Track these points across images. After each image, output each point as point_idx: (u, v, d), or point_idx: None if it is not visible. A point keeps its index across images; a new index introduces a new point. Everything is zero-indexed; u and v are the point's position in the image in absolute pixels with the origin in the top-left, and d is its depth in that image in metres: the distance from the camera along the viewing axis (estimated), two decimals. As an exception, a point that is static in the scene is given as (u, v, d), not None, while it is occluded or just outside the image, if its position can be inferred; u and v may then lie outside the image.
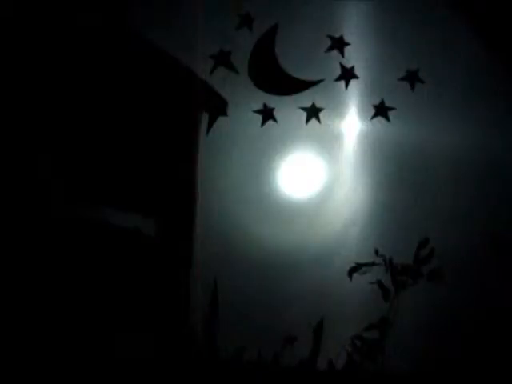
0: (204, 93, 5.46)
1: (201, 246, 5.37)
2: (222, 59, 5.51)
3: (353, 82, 5.48)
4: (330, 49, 5.49)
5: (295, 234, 5.40)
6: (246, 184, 5.46)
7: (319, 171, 5.47)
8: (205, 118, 5.51)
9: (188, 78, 5.45)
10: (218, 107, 5.45)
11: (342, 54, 5.49)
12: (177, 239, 5.41)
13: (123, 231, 5.29)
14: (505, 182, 5.42)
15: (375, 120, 5.46)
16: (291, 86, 5.50)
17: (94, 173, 5.34)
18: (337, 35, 5.48)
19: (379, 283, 5.21)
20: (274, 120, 5.50)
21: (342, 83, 5.48)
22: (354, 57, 5.48)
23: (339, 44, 5.48)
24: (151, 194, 5.39)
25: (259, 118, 5.49)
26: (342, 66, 5.49)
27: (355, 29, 5.47)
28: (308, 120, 5.49)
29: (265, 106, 5.50)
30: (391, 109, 5.46)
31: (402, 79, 5.46)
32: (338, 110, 5.48)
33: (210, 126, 5.51)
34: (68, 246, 5.22)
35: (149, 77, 5.37)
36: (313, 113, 5.48)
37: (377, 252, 5.23)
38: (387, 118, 5.46)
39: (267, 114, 5.50)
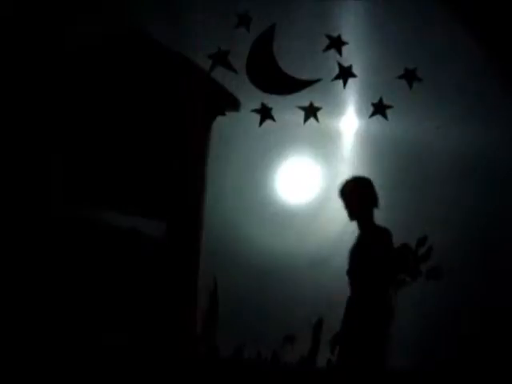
0: (215, 93, 5.46)
1: (201, 248, 5.37)
2: (220, 59, 5.52)
3: (351, 81, 5.48)
4: (328, 48, 5.49)
5: (295, 235, 5.40)
6: (244, 185, 5.49)
7: (318, 170, 5.48)
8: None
9: (196, 77, 5.44)
10: (232, 106, 5.43)
11: (340, 53, 5.49)
12: (184, 241, 5.41)
13: (127, 233, 5.29)
14: (503, 180, 5.42)
15: (374, 118, 5.46)
16: (289, 85, 5.51)
17: (100, 174, 5.35)
18: (334, 34, 5.48)
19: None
20: (273, 119, 5.50)
21: (340, 82, 5.49)
22: (351, 56, 5.48)
23: (337, 43, 5.48)
24: (159, 195, 5.40)
25: (257, 117, 5.50)
26: (340, 65, 5.49)
27: (353, 28, 5.49)
28: (306, 119, 5.49)
29: (263, 105, 5.50)
30: (389, 107, 5.45)
31: (400, 77, 5.46)
32: (336, 108, 5.50)
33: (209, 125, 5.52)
34: (72, 247, 5.23)
35: (156, 77, 5.37)
36: (311, 112, 5.48)
37: (375, 250, 5.21)
38: (385, 117, 5.46)
39: (265, 114, 5.50)
